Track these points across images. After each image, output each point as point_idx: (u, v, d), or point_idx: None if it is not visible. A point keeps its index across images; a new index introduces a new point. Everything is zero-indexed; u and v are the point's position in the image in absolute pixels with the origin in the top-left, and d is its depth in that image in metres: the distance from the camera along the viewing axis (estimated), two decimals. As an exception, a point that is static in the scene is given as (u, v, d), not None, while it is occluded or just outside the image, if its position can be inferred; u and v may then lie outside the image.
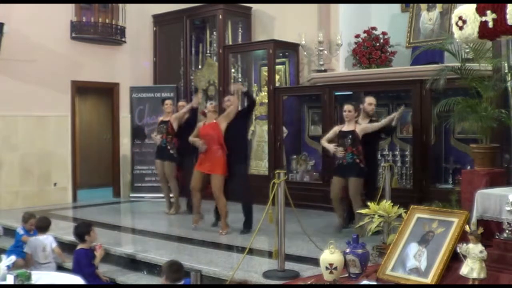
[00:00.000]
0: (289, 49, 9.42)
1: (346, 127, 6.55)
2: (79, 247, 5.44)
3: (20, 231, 6.26)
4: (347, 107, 6.55)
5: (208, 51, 10.29)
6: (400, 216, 4.91)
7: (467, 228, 3.90)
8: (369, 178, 6.59)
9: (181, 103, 8.49)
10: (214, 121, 6.82)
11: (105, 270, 5.64)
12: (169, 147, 8.12)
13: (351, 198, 6.41)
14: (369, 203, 5.10)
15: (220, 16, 9.69)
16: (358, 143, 6.41)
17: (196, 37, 10.47)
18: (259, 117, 9.60)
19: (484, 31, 4.35)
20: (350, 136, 6.42)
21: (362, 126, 6.54)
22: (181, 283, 4.31)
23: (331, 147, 6.57)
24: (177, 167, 8.20)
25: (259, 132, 9.62)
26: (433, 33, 8.34)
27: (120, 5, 9.96)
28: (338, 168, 6.60)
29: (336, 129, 6.73)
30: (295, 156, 9.19)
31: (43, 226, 5.96)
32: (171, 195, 8.38)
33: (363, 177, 6.43)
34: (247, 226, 6.72)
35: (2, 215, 8.22)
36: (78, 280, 4.32)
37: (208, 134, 6.71)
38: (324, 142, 6.74)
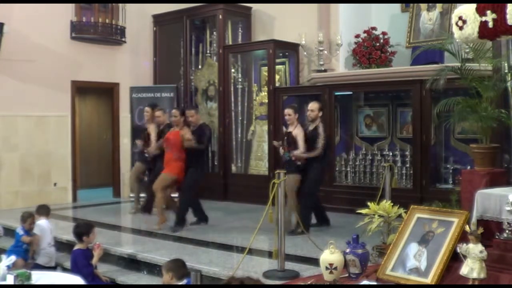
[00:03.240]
0: (289, 49, 9.43)
1: (290, 129, 6.89)
2: (76, 247, 5.42)
3: (20, 231, 6.25)
4: (287, 111, 6.91)
5: (208, 51, 10.30)
6: (400, 216, 4.91)
7: (467, 228, 3.89)
8: (306, 178, 6.72)
9: (157, 113, 8.19)
10: (178, 130, 7.16)
11: (105, 270, 5.64)
12: (145, 151, 8.21)
13: (287, 193, 6.48)
14: (369, 203, 5.08)
15: (220, 16, 9.69)
16: (293, 144, 6.73)
17: (196, 37, 10.47)
18: (259, 117, 9.60)
19: (484, 31, 4.34)
20: (286, 138, 6.81)
21: (296, 132, 6.75)
22: (184, 282, 4.31)
23: (275, 143, 7.03)
24: (145, 170, 8.47)
25: (259, 132, 9.62)
26: (433, 33, 8.34)
27: (120, 5, 9.96)
28: (283, 165, 6.96)
29: (284, 129, 7.14)
30: (295, 156, 9.19)
31: (45, 211, 6.27)
32: (141, 195, 8.61)
33: (299, 173, 6.72)
34: (177, 223, 6.98)
35: (2, 215, 8.22)
36: (78, 280, 4.31)
37: (168, 139, 7.14)
38: (274, 142, 7.21)
